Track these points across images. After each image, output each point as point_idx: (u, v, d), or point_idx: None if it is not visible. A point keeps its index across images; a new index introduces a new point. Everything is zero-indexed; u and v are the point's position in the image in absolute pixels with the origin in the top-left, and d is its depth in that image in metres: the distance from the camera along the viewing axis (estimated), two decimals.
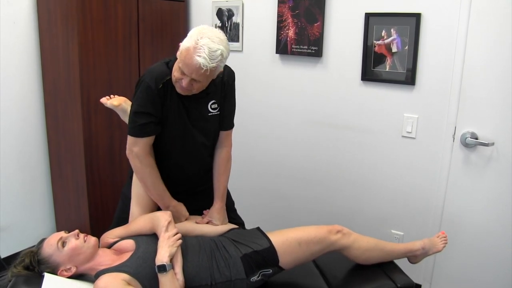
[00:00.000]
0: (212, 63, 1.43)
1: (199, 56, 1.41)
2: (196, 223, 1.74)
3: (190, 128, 1.67)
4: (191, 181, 1.80)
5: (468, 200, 2.15)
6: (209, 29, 1.48)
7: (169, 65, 1.60)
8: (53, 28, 2.40)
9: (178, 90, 1.57)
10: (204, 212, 1.79)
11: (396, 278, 1.67)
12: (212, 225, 1.74)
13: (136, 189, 1.72)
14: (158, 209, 1.73)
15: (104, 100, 1.90)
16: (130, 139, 1.62)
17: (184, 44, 1.47)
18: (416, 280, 1.91)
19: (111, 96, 1.93)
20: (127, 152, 1.64)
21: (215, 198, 1.79)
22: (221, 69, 1.56)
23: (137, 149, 1.60)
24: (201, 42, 1.42)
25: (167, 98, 1.60)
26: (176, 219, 1.72)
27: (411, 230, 2.35)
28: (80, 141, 2.40)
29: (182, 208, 1.75)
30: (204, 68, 1.43)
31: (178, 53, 1.51)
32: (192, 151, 1.72)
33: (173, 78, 1.55)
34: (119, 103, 1.88)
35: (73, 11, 2.25)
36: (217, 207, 1.77)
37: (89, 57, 2.33)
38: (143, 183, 1.67)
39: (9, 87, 2.44)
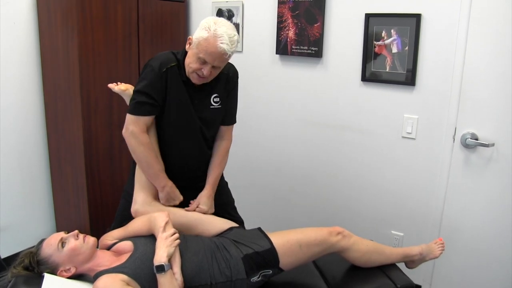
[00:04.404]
0: (232, 48, 1.57)
1: (222, 43, 1.53)
2: (186, 210, 1.76)
3: (195, 117, 1.72)
4: (192, 172, 1.83)
5: (468, 201, 2.15)
6: (219, 19, 1.59)
7: (177, 56, 1.68)
8: (53, 28, 2.40)
9: (194, 80, 1.65)
10: (191, 202, 1.81)
11: (396, 278, 1.67)
12: (200, 210, 1.76)
13: (139, 175, 1.75)
14: None
15: (112, 85, 1.95)
16: (127, 118, 1.67)
17: (201, 35, 1.55)
18: (416, 281, 1.91)
19: (118, 83, 1.99)
20: (123, 131, 1.69)
21: (206, 184, 1.83)
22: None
23: (132, 128, 1.65)
24: (220, 31, 1.54)
25: (169, 84, 1.65)
26: (171, 199, 1.76)
27: (411, 231, 2.35)
28: (80, 141, 2.41)
29: (177, 190, 1.78)
30: (228, 54, 1.56)
31: (192, 45, 1.60)
32: (194, 140, 1.77)
33: (189, 69, 1.63)
34: (126, 88, 1.95)
35: (73, 11, 2.25)
36: (206, 193, 1.81)
37: (89, 57, 2.33)
38: (139, 163, 1.71)
39: (9, 87, 2.45)
